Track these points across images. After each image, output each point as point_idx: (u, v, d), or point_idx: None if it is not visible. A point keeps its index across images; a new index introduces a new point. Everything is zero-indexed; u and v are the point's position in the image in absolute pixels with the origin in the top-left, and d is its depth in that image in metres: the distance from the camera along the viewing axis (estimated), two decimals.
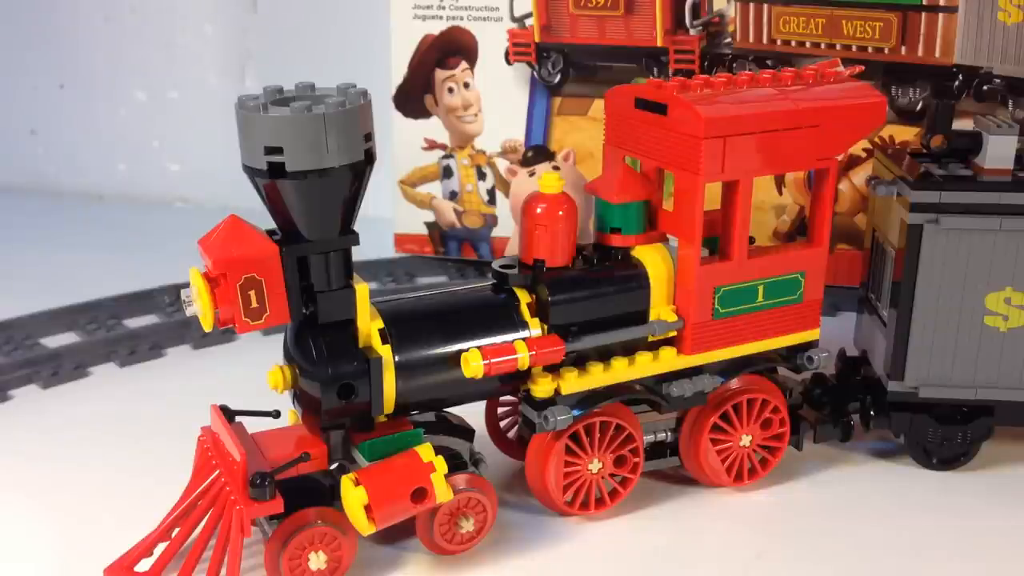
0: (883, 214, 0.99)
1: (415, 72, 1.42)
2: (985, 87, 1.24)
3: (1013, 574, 0.85)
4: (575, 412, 0.87)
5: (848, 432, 1.00)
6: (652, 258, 0.89)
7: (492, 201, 1.46)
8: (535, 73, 1.40)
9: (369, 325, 0.82)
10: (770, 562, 0.86)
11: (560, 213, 0.86)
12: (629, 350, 0.89)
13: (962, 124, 1.00)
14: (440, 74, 1.42)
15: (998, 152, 0.93)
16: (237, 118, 0.76)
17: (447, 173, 1.46)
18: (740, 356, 0.92)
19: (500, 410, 1.00)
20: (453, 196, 1.47)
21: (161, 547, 0.82)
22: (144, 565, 0.81)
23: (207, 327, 0.78)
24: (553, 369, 0.86)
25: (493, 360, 0.82)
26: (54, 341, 1.25)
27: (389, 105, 1.43)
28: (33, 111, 1.90)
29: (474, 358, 0.82)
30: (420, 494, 0.79)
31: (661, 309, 0.89)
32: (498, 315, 0.86)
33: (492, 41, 1.39)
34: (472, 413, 0.93)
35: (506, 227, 1.46)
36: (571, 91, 1.39)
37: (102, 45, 1.83)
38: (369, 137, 0.78)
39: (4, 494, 0.95)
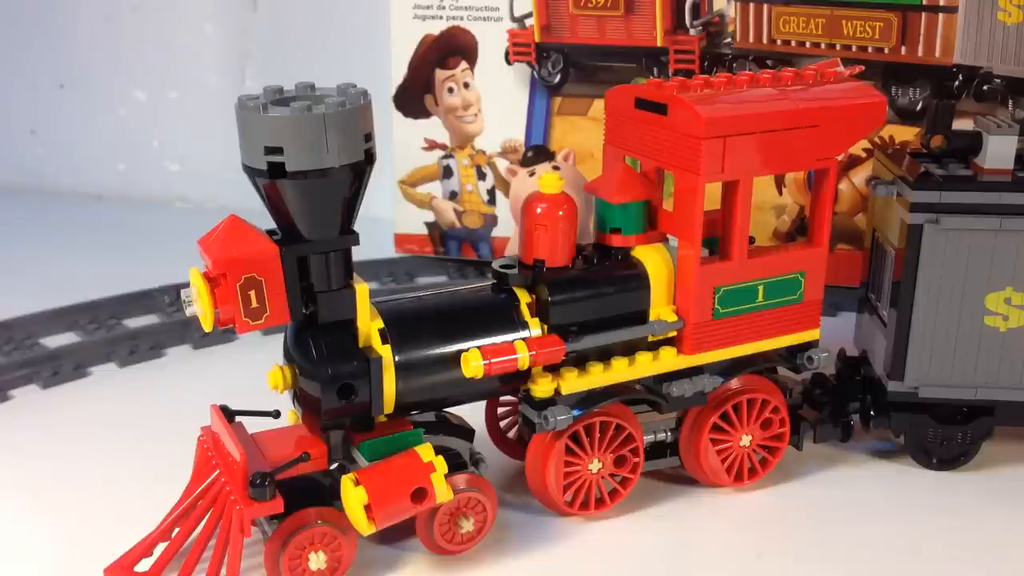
0: (883, 214, 0.99)
1: (415, 72, 1.42)
2: (985, 87, 1.24)
3: (1013, 574, 0.85)
4: (575, 412, 0.87)
5: (848, 432, 1.00)
6: (652, 258, 0.89)
7: (492, 201, 1.45)
8: (535, 73, 1.40)
9: (369, 325, 0.82)
10: (770, 562, 0.86)
11: (560, 213, 0.86)
12: (629, 350, 0.89)
13: (962, 124, 1.00)
14: (440, 74, 1.42)
15: (998, 152, 0.93)
16: (237, 118, 0.76)
17: (447, 173, 1.46)
18: (740, 356, 0.92)
19: (500, 410, 1.00)
20: (453, 196, 1.47)
21: (161, 547, 0.82)
22: (144, 565, 0.82)
23: (207, 327, 0.78)
24: (553, 369, 0.86)
25: (493, 360, 0.82)
26: (54, 341, 1.25)
27: (389, 105, 1.43)
28: (33, 111, 1.90)
29: (474, 358, 0.82)
30: (420, 494, 0.79)
31: (661, 309, 0.89)
32: (498, 315, 0.86)
33: (492, 41, 1.39)
34: (472, 413, 0.93)
35: (506, 227, 1.46)
36: (571, 91, 1.39)
37: (102, 45, 1.83)
38: (369, 137, 0.78)
39: (4, 494, 0.95)
